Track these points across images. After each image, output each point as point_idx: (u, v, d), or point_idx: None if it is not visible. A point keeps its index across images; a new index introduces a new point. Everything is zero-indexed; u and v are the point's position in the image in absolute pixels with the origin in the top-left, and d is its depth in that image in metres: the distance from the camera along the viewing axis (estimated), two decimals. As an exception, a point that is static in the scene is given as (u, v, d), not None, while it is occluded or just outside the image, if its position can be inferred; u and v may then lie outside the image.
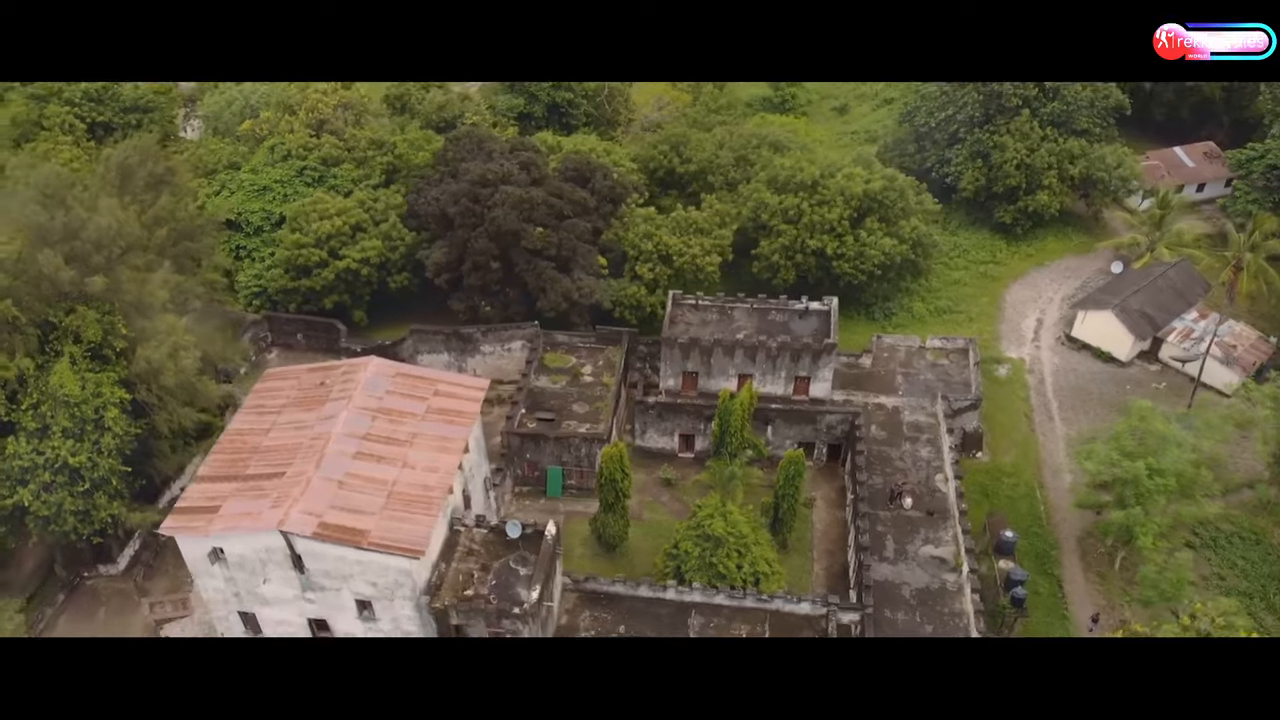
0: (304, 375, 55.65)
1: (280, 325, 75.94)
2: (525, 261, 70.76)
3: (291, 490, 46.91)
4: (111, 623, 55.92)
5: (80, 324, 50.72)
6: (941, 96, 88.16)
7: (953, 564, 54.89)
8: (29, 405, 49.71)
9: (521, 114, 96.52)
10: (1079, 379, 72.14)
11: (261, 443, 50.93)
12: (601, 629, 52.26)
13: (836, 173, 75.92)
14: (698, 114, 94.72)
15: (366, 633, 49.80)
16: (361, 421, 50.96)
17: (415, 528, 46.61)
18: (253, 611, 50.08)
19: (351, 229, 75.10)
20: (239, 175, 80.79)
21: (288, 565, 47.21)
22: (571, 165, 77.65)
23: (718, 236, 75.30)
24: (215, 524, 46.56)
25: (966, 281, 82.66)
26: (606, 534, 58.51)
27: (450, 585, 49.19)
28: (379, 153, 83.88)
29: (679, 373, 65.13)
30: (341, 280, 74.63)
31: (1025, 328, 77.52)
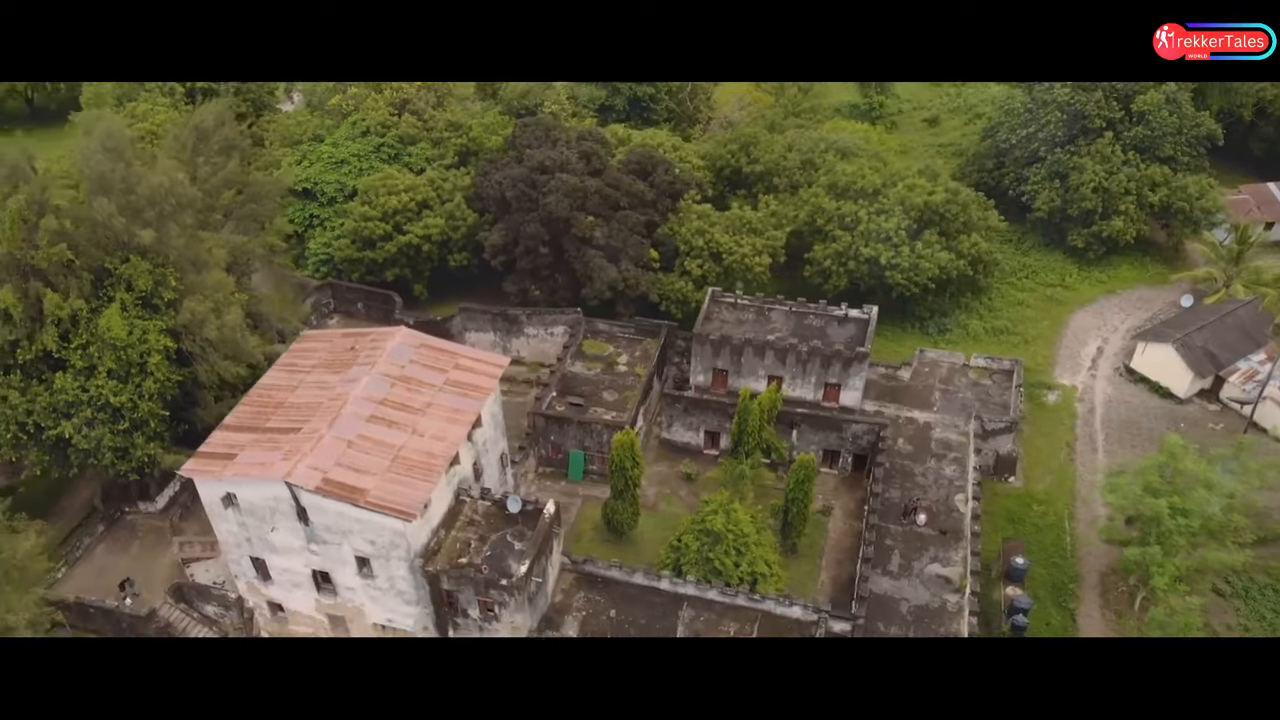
0: (337, 339, 58.04)
1: (343, 293, 79.03)
2: (574, 249, 72.02)
3: (303, 445, 49.14)
4: (143, 557, 59.40)
5: (132, 273, 53.93)
6: (1025, 114, 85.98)
7: (957, 584, 53.89)
8: (79, 345, 53.11)
9: (603, 106, 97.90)
10: (1131, 412, 69.57)
11: (286, 399, 53.41)
12: (593, 611, 53.13)
13: (899, 182, 74.94)
14: (775, 116, 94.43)
15: (365, 587, 51.79)
16: (381, 387, 52.93)
17: (412, 492, 48.28)
18: (263, 558, 52.65)
19: (418, 206, 77.71)
20: (320, 147, 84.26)
21: (293, 516, 49.46)
22: (635, 158, 78.58)
23: (770, 238, 75.20)
24: (229, 470, 49.13)
25: (1030, 303, 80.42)
26: (615, 520, 59.30)
27: (447, 551, 50.78)
28: (455, 135, 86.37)
29: (709, 369, 65.39)
30: (403, 254, 77.36)
31: (1083, 355, 75.08)
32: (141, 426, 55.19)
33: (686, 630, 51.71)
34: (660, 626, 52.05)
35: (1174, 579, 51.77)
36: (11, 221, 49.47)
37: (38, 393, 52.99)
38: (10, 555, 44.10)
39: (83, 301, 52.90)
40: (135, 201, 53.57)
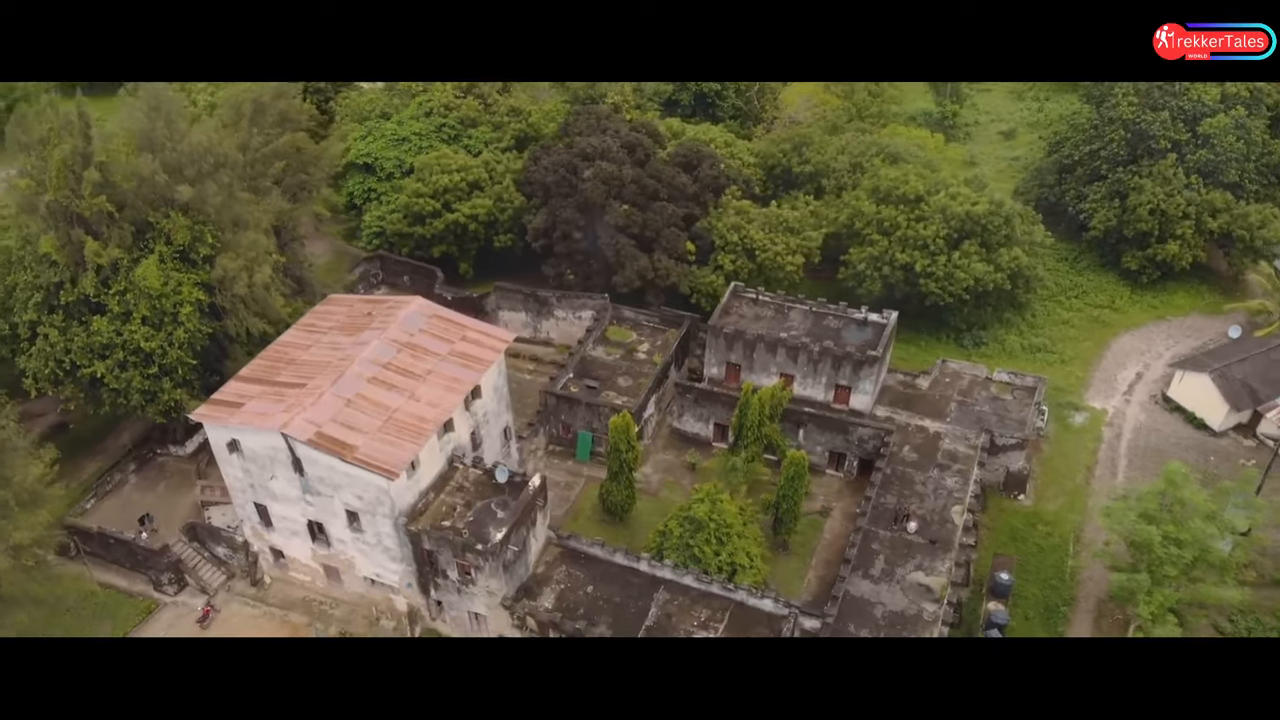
0: (357, 304, 60.61)
1: (391, 265, 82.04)
2: (608, 236, 73.34)
3: (304, 400, 51.69)
4: (167, 497, 63.10)
5: (171, 227, 57.39)
6: (1090, 130, 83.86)
7: (937, 594, 53.39)
8: (117, 291, 56.81)
9: (669, 100, 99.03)
10: (1160, 440, 67.46)
11: (299, 356, 56.13)
12: (572, 585, 54.40)
13: (941, 190, 74.10)
14: (838, 118, 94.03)
15: (355, 541, 54.13)
16: (387, 351, 55.18)
17: (399, 452, 50.31)
18: (265, 504, 55.51)
19: (469, 186, 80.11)
20: (385, 125, 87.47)
21: (290, 467, 52.09)
22: (682, 151, 79.53)
23: (806, 238, 75.26)
24: (234, 417, 52.01)
25: (1074, 323, 78.52)
26: (610, 501, 60.45)
27: (432, 514, 52.75)
28: (514, 120, 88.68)
29: (723, 362, 65.95)
30: (451, 232, 79.86)
31: (1120, 380, 73.01)
32: (170, 372, 58.64)
33: (659, 612, 52.57)
34: (634, 607, 53.00)
35: (1162, 609, 50.36)
36: (57, 170, 53.22)
37: (76, 333, 56.87)
38: (22, 479, 47.66)
39: (122, 251, 56.54)
40: (176, 158, 56.98)
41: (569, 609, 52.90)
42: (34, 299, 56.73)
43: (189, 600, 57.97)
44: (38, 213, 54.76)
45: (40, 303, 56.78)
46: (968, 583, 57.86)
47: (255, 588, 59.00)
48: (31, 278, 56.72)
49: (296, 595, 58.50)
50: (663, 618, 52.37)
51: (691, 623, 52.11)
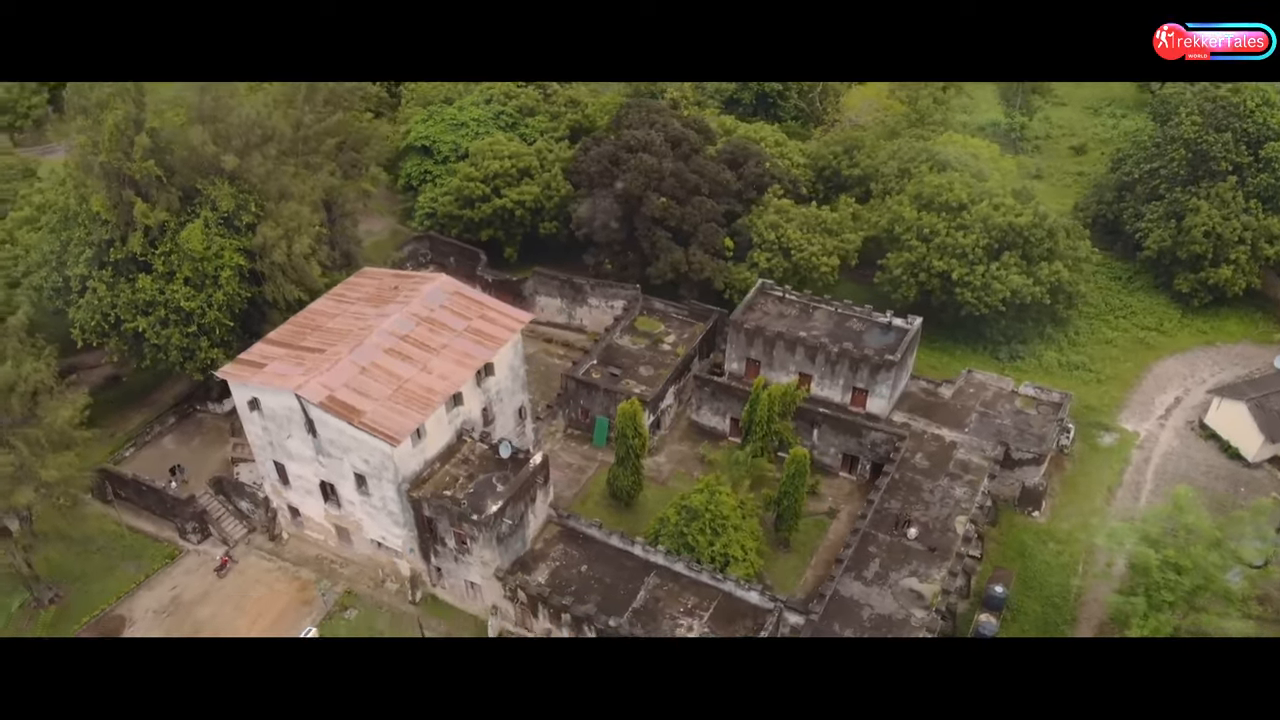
0: (386, 278, 62.75)
1: (439, 246, 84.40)
2: (645, 227, 74.36)
3: (321, 365, 53.95)
4: (201, 451, 66.26)
5: (217, 194, 60.31)
6: (1152, 148, 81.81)
7: (928, 601, 53.10)
8: (162, 252, 59.99)
9: (731, 99, 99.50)
10: (1190, 467, 65.64)
11: (325, 323, 58.46)
12: (567, 563, 55.60)
13: (984, 199, 73.23)
14: (896, 123, 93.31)
15: (362, 503, 56.23)
16: (407, 324, 57.14)
17: (404, 420, 52.16)
18: (282, 463, 58.00)
19: (519, 172, 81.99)
20: (446, 109, 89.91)
21: (304, 428, 54.40)
22: (729, 149, 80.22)
23: (844, 240, 75.16)
24: (255, 377, 54.55)
25: (1118, 343, 76.73)
26: (616, 486, 61.47)
27: (435, 483, 54.53)
28: (571, 110, 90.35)
29: (743, 358, 66.38)
30: (498, 216, 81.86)
31: (1158, 404, 71.18)
32: (208, 332, 61.65)
33: (647, 596, 53.44)
34: (625, 589, 53.95)
35: (1156, 635, 49.31)
36: (110, 134, 56.44)
37: (122, 289, 60.20)
38: (53, 420, 50.80)
39: (169, 214, 59.66)
40: (225, 130, 59.85)
41: (560, 585, 54.10)
42: (85, 254, 60.19)
43: (210, 550, 60.88)
44: (93, 172, 58.07)
45: (91, 258, 60.22)
46: (968, 594, 57.40)
47: (273, 543, 61.66)
48: (84, 234, 60.21)
49: (310, 553, 60.96)
50: (650, 601, 53.22)
51: (678, 609, 52.83)
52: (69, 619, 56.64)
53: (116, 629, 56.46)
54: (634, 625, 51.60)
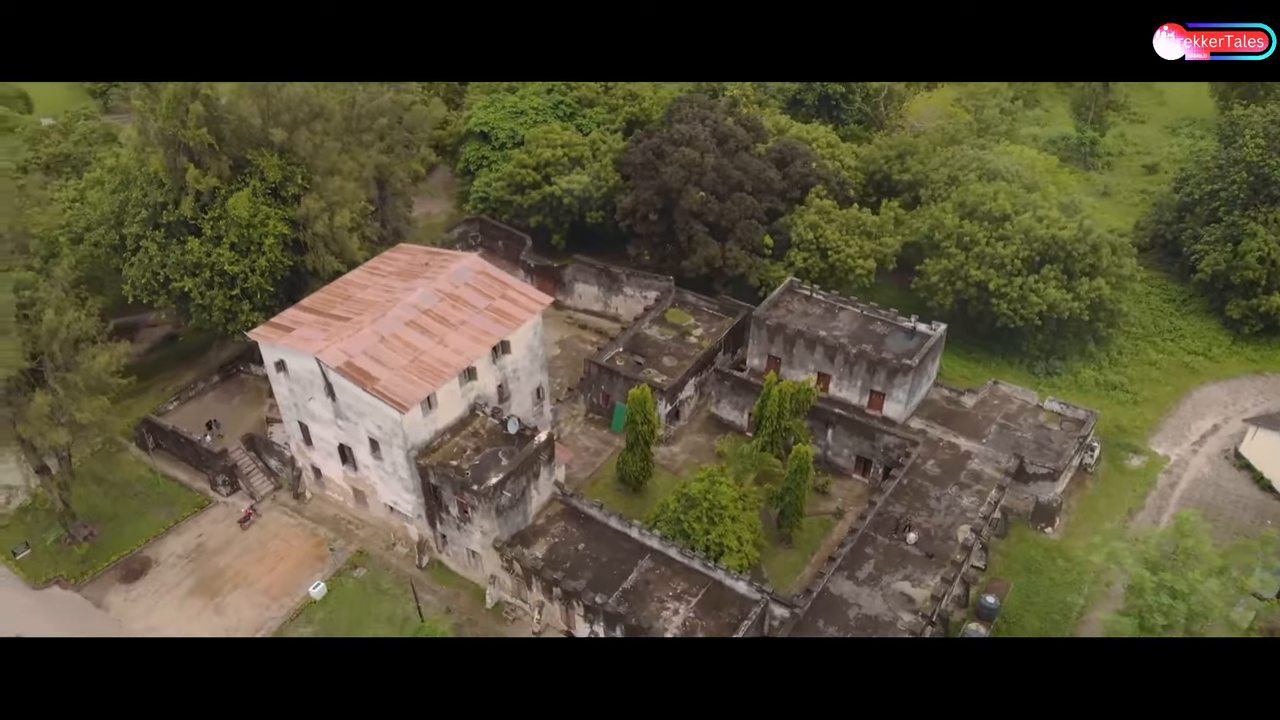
0: (419, 254, 64.93)
1: (488, 229, 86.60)
2: (683, 221, 75.16)
3: (344, 332, 56.32)
4: (240, 409, 69.41)
5: (265, 165, 63.24)
6: (1214, 169, 79.49)
7: (918, 605, 52.93)
8: (211, 217, 63.10)
9: (794, 99, 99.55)
10: (1218, 496, 63.86)
11: (355, 294, 60.88)
12: (565, 540, 56.95)
13: (1028, 211, 72.21)
14: (957, 131, 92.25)
15: (377, 467, 58.43)
16: (430, 299, 59.18)
17: (414, 389, 54.15)
18: (306, 424, 60.63)
19: (570, 161, 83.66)
20: (508, 97, 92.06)
21: (324, 391, 56.85)
22: (778, 147, 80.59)
23: (882, 244, 74.88)
24: (282, 339, 57.19)
25: (1161, 366, 74.83)
26: (625, 471, 62.60)
27: (444, 453, 56.41)
28: (629, 103, 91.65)
29: (764, 354, 66.81)
30: (547, 204, 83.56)
31: (1193, 429, 69.30)
32: (250, 296, 64.63)
33: (639, 577, 54.44)
34: (618, 569, 55.02)
35: (1144, 658, 48.37)
36: (167, 102, 59.70)
37: (172, 250, 63.54)
38: (90, 367, 54.06)
39: (220, 181, 62.70)
40: (275, 105, 62.72)
41: (556, 561, 55.49)
42: (141, 215, 63.71)
43: (238, 502, 63.92)
44: (150, 138, 61.49)
45: (146, 219, 63.72)
46: (966, 603, 57.00)
47: (296, 500, 64.41)
48: (141, 196, 63.73)
49: (329, 512, 63.53)
50: (641, 583, 54.20)
51: (667, 592, 53.72)
52: (100, 556, 60.15)
53: (143, 569, 59.78)
54: (621, 604, 52.68)
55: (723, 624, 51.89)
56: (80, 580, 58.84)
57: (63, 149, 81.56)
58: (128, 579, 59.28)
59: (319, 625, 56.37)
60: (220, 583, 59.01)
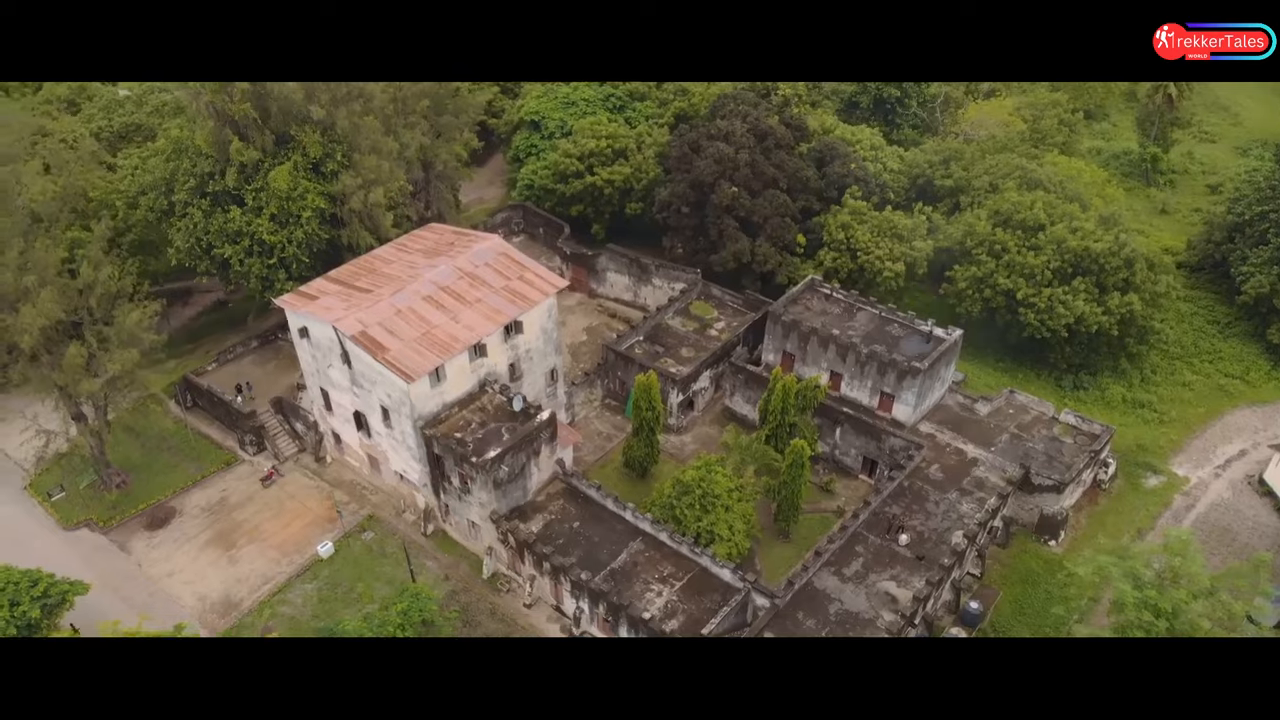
0: (446, 234, 67.02)
1: (530, 216, 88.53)
2: (714, 215, 75.98)
3: (363, 303, 58.66)
4: (274, 374, 72.34)
5: (307, 141, 66.02)
6: (1266, 189, 77.37)
7: (901, 606, 53.00)
8: (253, 188, 66.14)
9: (850, 101, 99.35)
10: (1234, 521, 62.37)
11: (380, 268, 63.21)
12: (561, 518, 58.39)
13: (1060, 221, 71.28)
14: (1009, 139, 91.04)
15: (388, 435, 60.66)
16: (449, 276, 61.18)
17: (422, 361, 56.14)
18: (326, 390, 63.22)
19: (614, 153, 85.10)
20: (562, 87, 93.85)
21: (340, 358, 59.27)
22: (819, 147, 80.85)
23: (913, 247, 74.64)
24: (305, 306, 59.78)
25: (1195, 387, 73.18)
26: (630, 456, 63.79)
27: (450, 425, 58.36)
28: (679, 98, 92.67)
29: (779, 350, 67.30)
30: (588, 193, 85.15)
31: (1219, 453, 67.68)
32: (287, 266, 67.53)
33: (627, 559, 55.61)
34: (609, 549, 56.26)
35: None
36: (214, 77, 62.83)
37: (216, 218, 66.71)
38: (123, 321, 57.31)
39: (263, 154, 65.69)
40: (314, 84, 65.41)
41: (550, 537, 56.97)
42: (189, 183, 67.02)
43: (262, 462, 66.89)
44: (199, 111, 64.72)
45: (193, 187, 67.02)
46: (956, 609, 56.83)
47: (317, 463, 67.12)
48: (190, 165, 67.03)
49: (346, 477, 66.07)
50: (629, 564, 55.37)
51: (653, 575, 54.78)
52: (129, 503, 63.61)
53: (167, 518, 63.04)
54: (607, 582, 53.92)
55: (704, 609, 52.74)
56: (108, 524, 62.34)
57: (135, 119, 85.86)
58: (152, 526, 62.59)
59: (322, 581, 58.81)
60: (237, 536, 61.93)
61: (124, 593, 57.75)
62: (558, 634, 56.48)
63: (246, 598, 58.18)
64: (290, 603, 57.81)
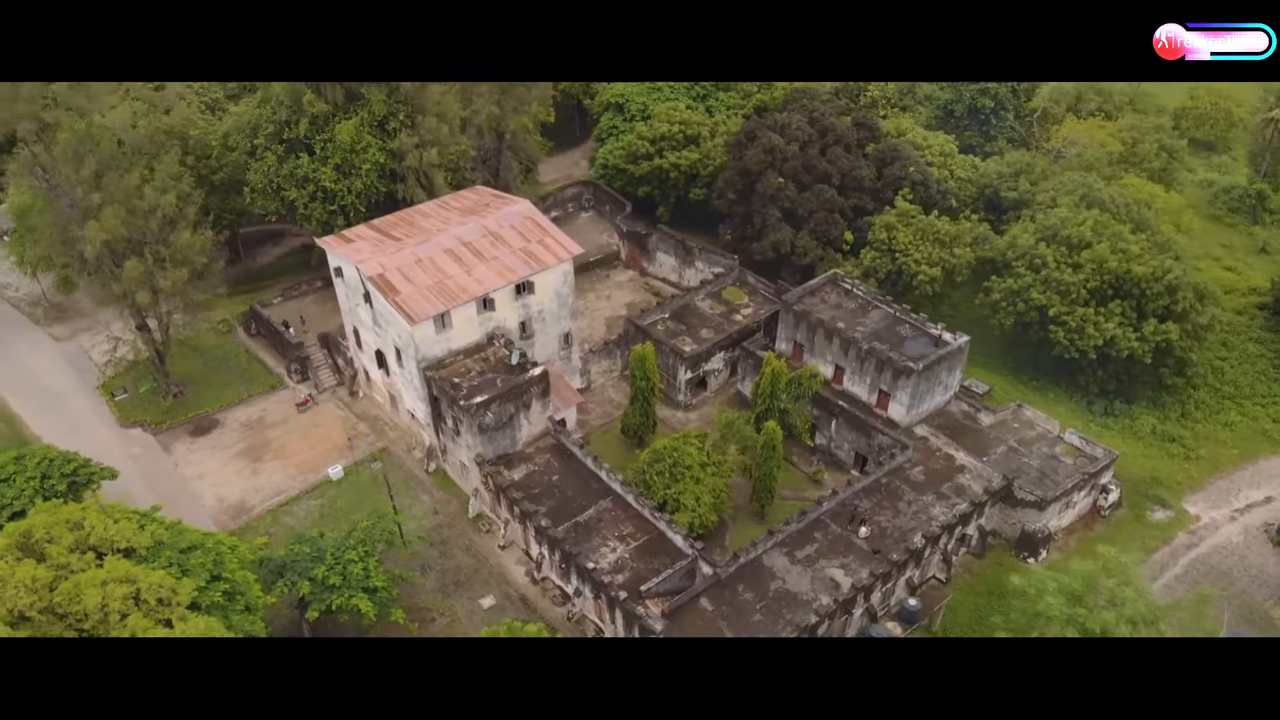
0: (486, 195, 71.10)
1: (600, 193, 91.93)
2: (759, 204, 77.38)
3: (390, 249, 63.43)
4: (328, 312, 77.76)
5: (374, 99, 71.40)
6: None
7: (843, 592, 53.63)
8: (322, 139, 72.06)
9: (945, 108, 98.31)
10: (1236, 567, 59.64)
11: (418, 221, 67.87)
12: (543, 470, 61.61)
13: (1102, 240, 69.31)
14: (1096, 159, 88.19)
15: (400, 375, 65.35)
16: (474, 233, 65.25)
17: (428, 306, 60.37)
18: (357, 328, 68.48)
19: (685, 139, 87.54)
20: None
21: (363, 298, 64.27)
22: (883, 149, 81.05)
23: (954, 254, 74.00)
24: (339, 248, 65.06)
25: (1237, 428, 69.80)
26: (625, 424, 66.31)
27: (452, 370, 62.49)
28: (761, 91, 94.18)
29: (791, 339, 68.26)
30: (655, 176, 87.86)
31: (1241, 498, 64.62)
32: (346, 212, 73.22)
33: (593, 514, 58.34)
34: (578, 503, 59.12)
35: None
36: (290, 34, 68.72)
37: (288, 163, 72.95)
38: (178, 243, 63.90)
39: (331, 107, 71.44)
40: (380, 46, 70.52)
41: (528, 485, 60.29)
42: (269, 129, 73.56)
43: (303, 390, 72.85)
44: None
45: (272, 134, 73.51)
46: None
47: (351, 396, 72.63)
48: (271, 112, 73.53)
49: (372, 412, 71.30)
50: (594, 520, 58.09)
51: (613, 532, 57.34)
52: (180, 411, 70.71)
53: (210, 428, 69.81)
54: (568, 533, 56.82)
55: (650, 569, 54.90)
56: (159, 426, 69.57)
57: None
58: (196, 433, 69.44)
59: (326, 501, 64.04)
60: (264, 451, 67.98)
61: (156, 486, 64.46)
62: (522, 576, 59.80)
63: (258, 505, 64.03)
64: (294, 515, 63.29)
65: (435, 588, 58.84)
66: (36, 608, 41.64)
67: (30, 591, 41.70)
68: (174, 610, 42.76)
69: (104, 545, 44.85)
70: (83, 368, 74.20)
